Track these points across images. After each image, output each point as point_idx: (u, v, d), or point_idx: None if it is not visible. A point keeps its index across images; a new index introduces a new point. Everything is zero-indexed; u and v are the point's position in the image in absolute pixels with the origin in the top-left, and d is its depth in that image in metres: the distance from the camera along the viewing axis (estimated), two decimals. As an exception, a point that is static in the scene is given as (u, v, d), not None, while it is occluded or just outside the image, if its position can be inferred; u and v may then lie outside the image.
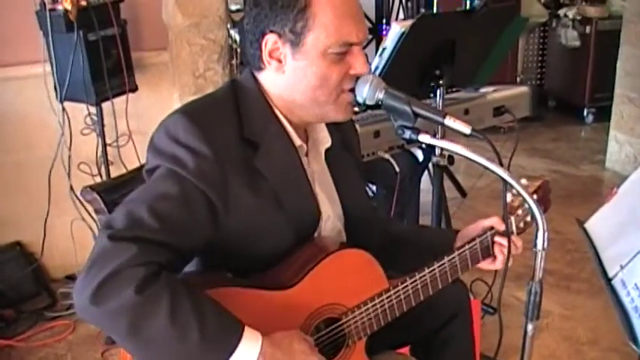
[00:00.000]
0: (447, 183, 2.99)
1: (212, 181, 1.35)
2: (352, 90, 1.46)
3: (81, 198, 1.65)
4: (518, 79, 6.27)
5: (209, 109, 1.45)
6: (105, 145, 3.23)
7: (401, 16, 5.03)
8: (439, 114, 1.41)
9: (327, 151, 1.61)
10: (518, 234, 1.75)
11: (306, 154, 1.56)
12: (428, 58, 2.39)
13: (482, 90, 2.98)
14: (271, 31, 1.42)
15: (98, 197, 1.57)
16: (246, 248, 1.45)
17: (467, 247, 1.65)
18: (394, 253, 1.74)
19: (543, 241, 1.45)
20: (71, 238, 3.30)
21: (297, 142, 1.51)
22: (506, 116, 2.98)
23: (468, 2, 2.27)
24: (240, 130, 1.43)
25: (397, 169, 2.43)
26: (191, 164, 1.34)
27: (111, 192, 1.62)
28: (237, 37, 3.53)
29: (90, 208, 1.63)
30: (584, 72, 6.12)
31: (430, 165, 2.79)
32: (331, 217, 1.61)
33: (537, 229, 1.45)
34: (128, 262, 1.23)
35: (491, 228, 1.70)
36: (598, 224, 1.93)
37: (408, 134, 1.42)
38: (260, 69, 1.48)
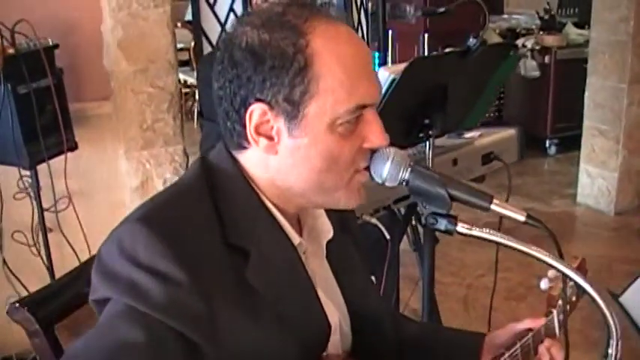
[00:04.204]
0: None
1: (192, 316, 0.98)
2: (367, 167, 1.12)
3: (11, 313, 1.27)
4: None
5: (177, 209, 1.08)
6: (42, 210, 2.86)
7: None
8: (485, 198, 1.08)
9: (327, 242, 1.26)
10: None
11: (304, 251, 1.21)
12: (417, 106, 2.09)
13: (467, 135, 2.70)
14: (258, 100, 1.06)
15: (31, 316, 1.20)
16: None
17: (507, 355, 1.32)
18: (415, 358, 1.41)
19: (616, 352, 1.15)
20: (6, 317, 2.88)
21: (296, 239, 1.16)
22: (495, 163, 2.72)
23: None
24: (223, 235, 1.07)
25: (387, 235, 2.10)
26: (160, 296, 0.97)
27: (46, 304, 1.26)
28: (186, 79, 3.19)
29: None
30: (544, 102, 5.99)
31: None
32: (339, 325, 1.27)
33: (610, 337, 1.14)
34: None
35: (529, 330, 1.38)
36: (636, 299, 1.65)
37: (443, 224, 1.09)
38: (241, 147, 1.12)
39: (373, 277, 2.13)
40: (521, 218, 1.09)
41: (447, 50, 2.08)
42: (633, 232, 4.52)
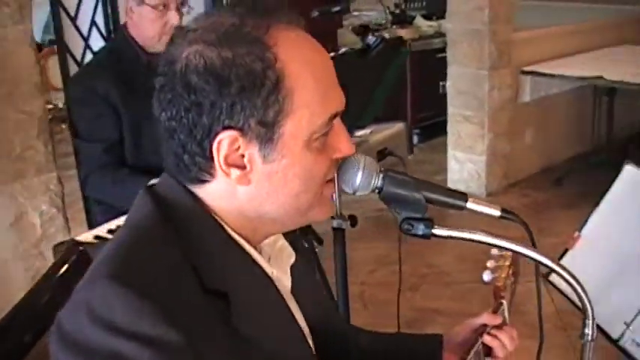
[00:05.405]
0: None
1: None
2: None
3: None
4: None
5: (147, 259, 0.93)
6: None
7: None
8: (460, 198, 1.06)
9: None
10: None
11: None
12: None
13: (359, 133, 2.68)
14: (226, 128, 0.94)
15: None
16: None
17: (472, 353, 1.31)
18: None
19: (593, 330, 1.16)
20: None
21: (269, 269, 1.06)
22: (389, 159, 2.73)
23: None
24: (200, 281, 0.94)
25: (315, 243, 2.04)
26: None
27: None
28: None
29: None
30: (404, 94, 6.12)
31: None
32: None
33: (586, 317, 1.15)
34: None
35: (484, 326, 1.38)
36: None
37: (420, 229, 1.04)
38: (200, 181, 0.99)
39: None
40: (497, 213, 1.10)
41: (344, 50, 2.05)
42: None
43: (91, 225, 2.82)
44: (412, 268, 3.96)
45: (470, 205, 1.06)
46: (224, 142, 0.94)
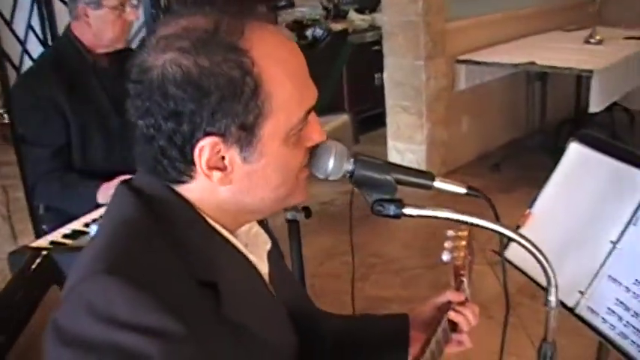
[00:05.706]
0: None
1: None
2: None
3: None
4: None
5: (142, 253, 0.93)
6: None
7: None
8: (427, 177, 1.11)
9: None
10: None
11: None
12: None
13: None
14: (207, 134, 0.94)
15: None
16: None
17: (433, 341, 1.35)
18: (345, 354, 1.41)
19: (557, 298, 1.21)
20: None
21: (250, 255, 1.09)
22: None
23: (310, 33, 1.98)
24: (191, 273, 0.95)
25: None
26: (156, 354, 0.85)
27: None
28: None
29: None
30: (340, 87, 6.17)
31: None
32: None
33: (549, 285, 1.20)
34: None
35: (449, 303, 1.42)
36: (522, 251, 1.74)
37: (392, 210, 1.09)
38: (180, 182, 1.01)
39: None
40: (463, 190, 1.14)
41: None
42: (447, 197, 4.80)
43: (39, 233, 2.77)
44: (360, 258, 4.00)
45: (437, 183, 1.12)
46: (206, 149, 0.95)
